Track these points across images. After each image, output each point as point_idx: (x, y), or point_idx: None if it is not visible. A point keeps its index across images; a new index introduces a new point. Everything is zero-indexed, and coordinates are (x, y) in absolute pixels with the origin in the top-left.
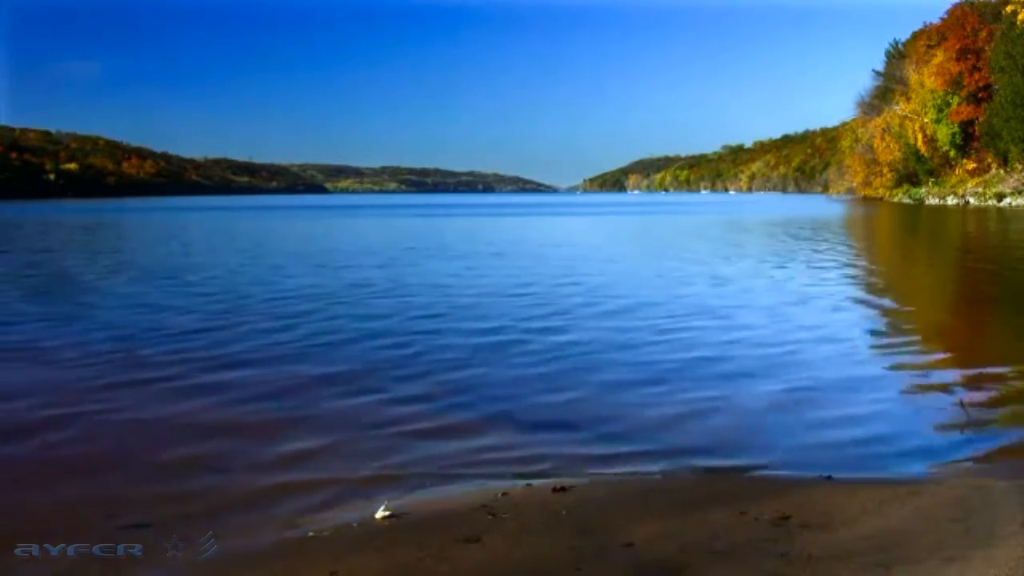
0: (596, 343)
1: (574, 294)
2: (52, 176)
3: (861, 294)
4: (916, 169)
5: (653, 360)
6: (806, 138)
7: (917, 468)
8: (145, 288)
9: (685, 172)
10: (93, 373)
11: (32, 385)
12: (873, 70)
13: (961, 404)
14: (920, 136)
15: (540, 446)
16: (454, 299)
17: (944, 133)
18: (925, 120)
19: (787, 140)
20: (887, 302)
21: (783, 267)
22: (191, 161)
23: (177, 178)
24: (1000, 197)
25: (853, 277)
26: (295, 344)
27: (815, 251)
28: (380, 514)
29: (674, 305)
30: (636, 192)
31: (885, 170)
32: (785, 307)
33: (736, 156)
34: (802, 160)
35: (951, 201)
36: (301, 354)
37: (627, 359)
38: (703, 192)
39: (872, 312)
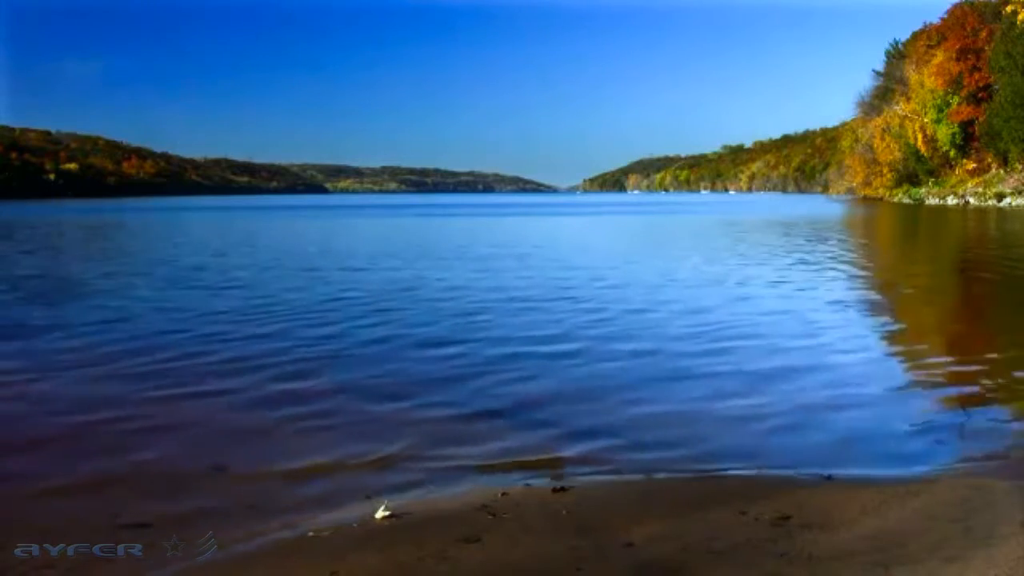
0: (597, 342)
1: (582, 299)
2: (52, 176)
3: (861, 295)
4: (916, 169)
5: (652, 360)
6: (806, 138)
7: (917, 468)
8: (178, 292)
9: (685, 172)
10: (93, 373)
11: (33, 384)
12: (873, 70)
13: (961, 404)
14: (920, 136)
15: (540, 446)
16: (460, 303)
17: (944, 133)
18: (925, 120)
19: (787, 140)
20: (887, 302)
21: (783, 267)
22: (191, 161)
23: (177, 178)
24: (1000, 197)
25: (853, 278)
26: (293, 345)
27: (815, 251)
28: (380, 514)
29: (671, 304)
30: (636, 192)
31: (885, 170)
32: (784, 308)
33: (736, 156)
34: (802, 160)
35: (951, 201)
36: (301, 355)
37: (627, 359)
38: (703, 192)
39: (872, 312)
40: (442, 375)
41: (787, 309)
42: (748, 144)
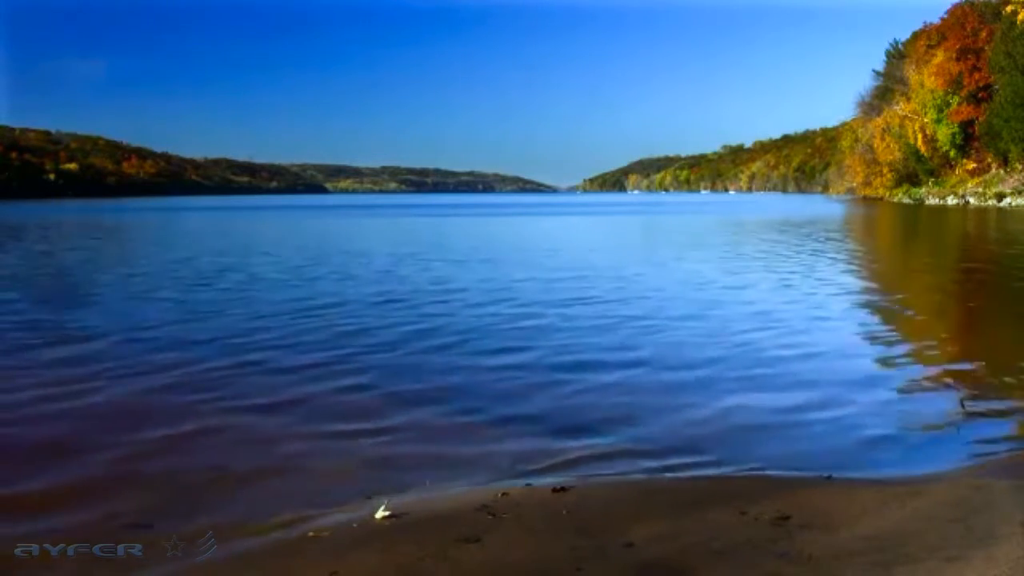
0: (595, 344)
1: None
2: (52, 176)
3: (860, 295)
4: (916, 169)
5: (651, 361)
6: (806, 138)
7: (917, 468)
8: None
9: (685, 172)
10: (95, 372)
11: (30, 385)
12: (873, 70)
13: (961, 404)
14: (920, 136)
15: (540, 446)
16: (455, 304)
17: (944, 133)
18: (925, 120)
19: (787, 140)
20: (887, 303)
21: (783, 268)
22: (191, 161)
23: (177, 178)
24: (1000, 197)
25: (853, 278)
26: (292, 344)
27: (815, 251)
28: (380, 514)
29: (667, 305)
30: (636, 192)
31: (885, 170)
32: (783, 308)
33: (736, 156)
34: (802, 160)
35: (951, 201)
36: (301, 354)
37: (626, 360)
38: (703, 192)
39: (872, 313)
40: (442, 375)
41: (785, 310)
42: (748, 144)
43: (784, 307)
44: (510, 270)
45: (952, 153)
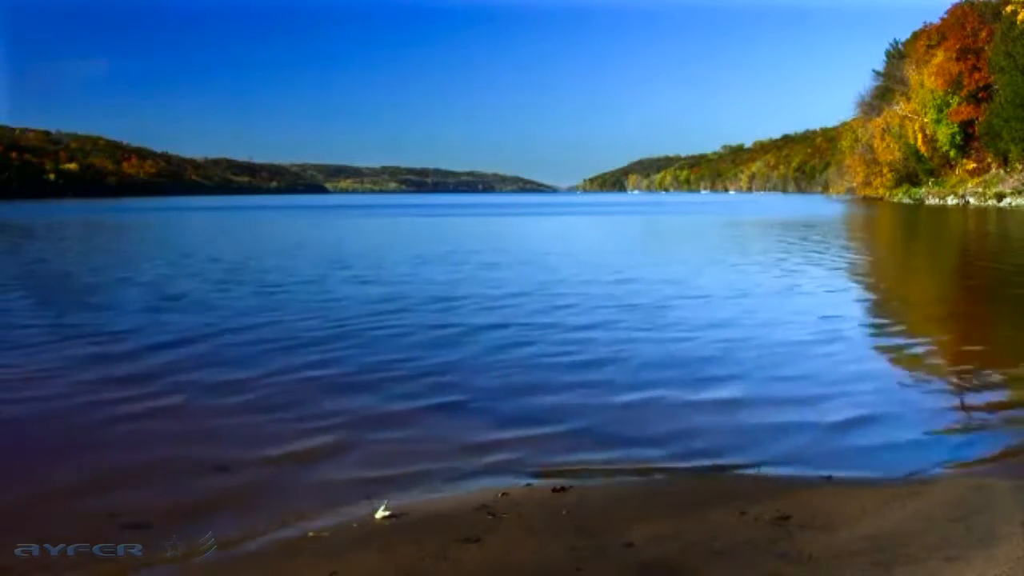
0: (594, 344)
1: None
2: (52, 176)
3: (861, 295)
4: (916, 169)
5: (651, 361)
6: (806, 138)
7: (917, 468)
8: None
9: (685, 172)
10: (96, 373)
11: (31, 385)
12: (873, 70)
13: (961, 404)
14: (920, 136)
15: (540, 446)
16: (456, 300)
17: (944, 133)
18: (925, 120)
19: (787, 140)
20: (887, 303)
21: (783, 268)
22: (191, 161)
23: (177, 178)
24: (1000, 197)
25: (853, 278)
26: (291, 344)
27: (816, 251)
28: (380, 514)
29: (665, 305)
30: (636, 192)
31: (885, 170)
32: (782, 308)
33: (736, 156)
34: (802, 160)
35: (951, 201)
36: (301, 354)
37: (626, 360)
38: (703, 192)
39: (872, 313)
40: (442, 376)
41: (784, 310)
42: (748, 144)
43: (780, 307)
44: (556, 272)
45: (952, 153)
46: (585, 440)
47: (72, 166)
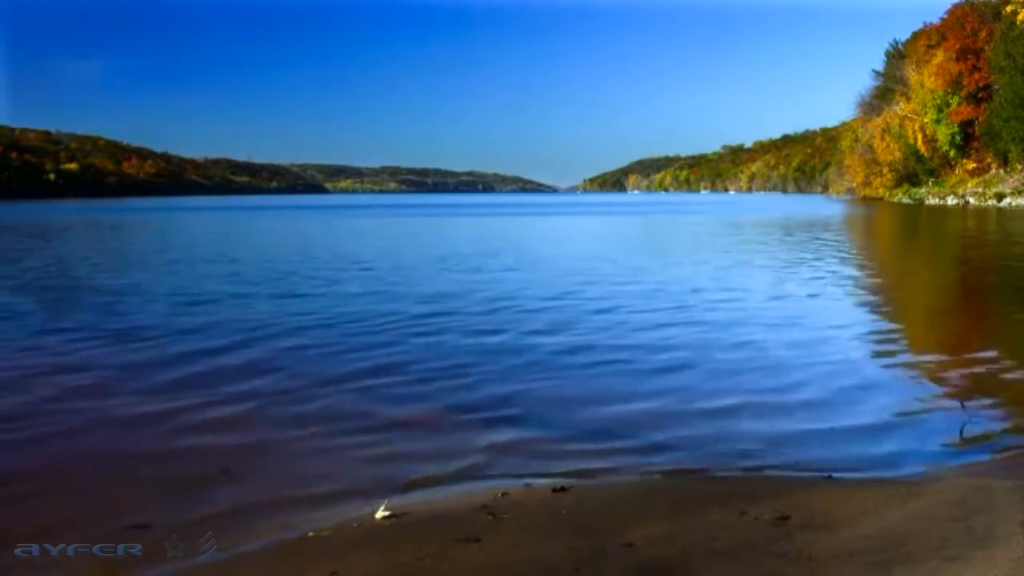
0: (593, 343)
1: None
2: (52, 176)
3: (861, 295)
4: (916, 169)
5: (651, 361)
6: (806, 138)
7: (917, 468)
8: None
9: (685, 172)
10: (99, 373)
11: (34, 385)
12: (873, 70)
13: (961, 405)
14: (920, 136)
15: (540, 446)
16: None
17: (944, 133)
18: (925, 120)
19: (787, 140)
20: (887, 304)
21: (783, 268)
22: (191, 161)
23: (177, 178)
24: (1000, 197)
25: (853, 279)
26: (292, 341)
27: (816, 251)
28: (380, 514)
29: (664, 305)
30: (636, 192)
31: (885, 170)
32: (783, 309)
33: (736, 156)
34: (802, 160)
35: (951, 201)
36: (302, 354)
37: (626, 360)
38: (703, 192)
39: (872, 314)
40: (442, 376)
41: (784, 310)
42: (748, 144)
43: (780, 308)
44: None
45: (952, 153)
46: (585, 440)
47: (72, 166)
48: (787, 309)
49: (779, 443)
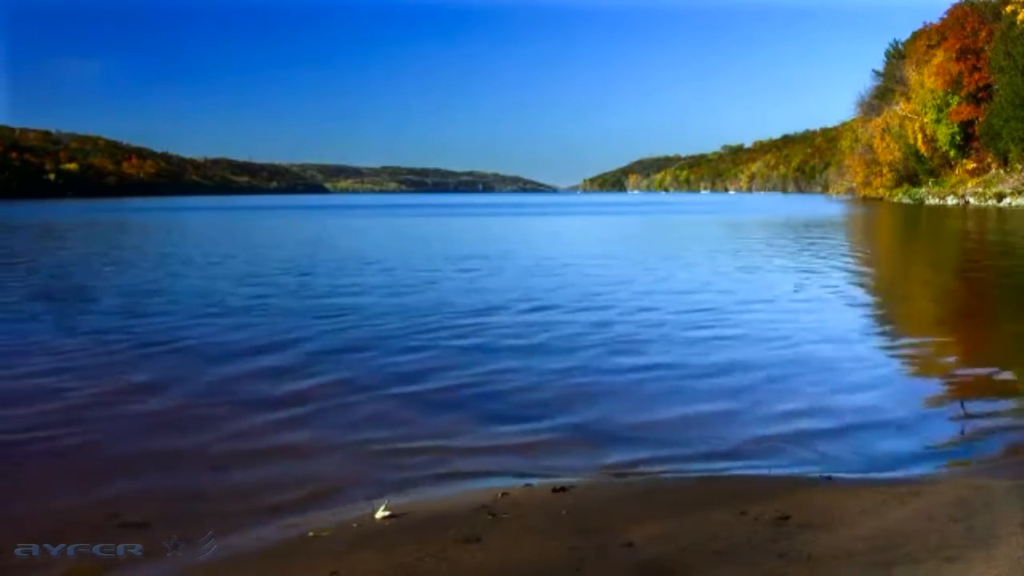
0: (594, 343)
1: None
2: (52, 176)
3: (861, 295)
4: (916, 169)
5: (650, 361)
6: (806, 138)
7: (917, 468)
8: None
9: (685, 172)
10: (99, 374)
11: (31, 385)
12: (873, 70)
13: (961, 405)
14: (920, 136)
15: (540, 446)
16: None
17: (944, 133)
18: (925, 120)
19: (787, 140)
20: (887, 304)
21: (782, 268)
22: (191, 161)
23: (177, 178)
24: (1000, 197)
25: (853, 279)
26: (291, 344)
27: (816, 251)
28: (380, 514)
29: (663, 304)
30: (636, 192)
31: (885, 170)
32: (783, 309)
33: (736, 156)
34: (802, 160)
35: (951, 201)
36: (300, 354)
37: (625, 359)
38: (703, 192)
39: (872, 314)
40: (442, 375)
41: (784, 310)
42: (748, 144)
43: (781, 308)
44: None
45: (952, 153)
46: (585, 440)
47: (72, 166)
48: (787, 309)
49: (779, 443)
